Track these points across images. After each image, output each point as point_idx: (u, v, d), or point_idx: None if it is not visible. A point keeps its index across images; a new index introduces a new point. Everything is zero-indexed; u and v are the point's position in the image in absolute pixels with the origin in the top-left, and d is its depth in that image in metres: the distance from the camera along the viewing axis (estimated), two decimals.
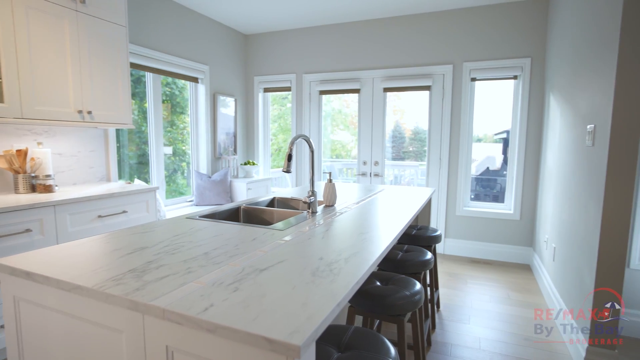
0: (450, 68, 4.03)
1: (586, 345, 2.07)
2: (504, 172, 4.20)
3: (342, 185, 3.16)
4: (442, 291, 3.24)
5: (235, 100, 4.85)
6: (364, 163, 4.52)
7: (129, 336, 0.89)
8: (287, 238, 1.42)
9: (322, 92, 4.66)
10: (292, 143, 1.78)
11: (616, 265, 1.96)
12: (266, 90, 5.05)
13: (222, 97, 4.58)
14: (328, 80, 4.57)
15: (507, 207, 4.08)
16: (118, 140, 3.44)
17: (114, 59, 2.80)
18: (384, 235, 1.48)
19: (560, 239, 2.78)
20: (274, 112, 5.50)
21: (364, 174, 4.53)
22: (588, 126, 2.20)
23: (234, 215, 2.15)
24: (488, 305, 2.97)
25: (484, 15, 3.88)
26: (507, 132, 4.10)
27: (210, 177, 4.29)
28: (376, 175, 4.47)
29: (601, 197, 1.95)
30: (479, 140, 4.58)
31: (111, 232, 1.47)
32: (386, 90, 4.34)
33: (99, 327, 0.94)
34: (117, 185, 2.91)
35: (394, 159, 4.82)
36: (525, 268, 3.85)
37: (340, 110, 5.07)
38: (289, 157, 1.74)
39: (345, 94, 4.72)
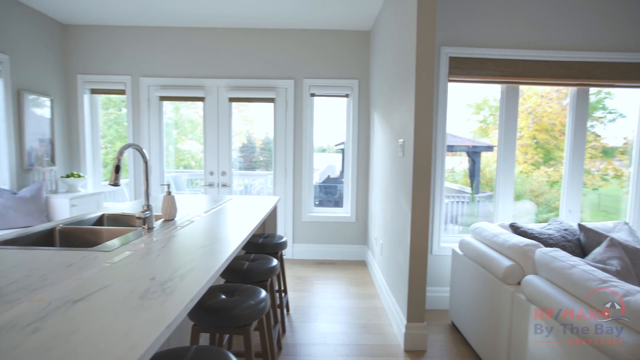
0: (292, 83, 4.29)
1: (405, 322, 2.47)
2: (343, 180, 4.69)
3: (186, 197, 2.99)
4: (292, 295, 3.38)
5: (52, 101, 4.06)
6: (211, 173, 4.38)
7: None
8: (116, 259, 1.25)
9: (163, 98, 4.32)
10: (120, 153, 1.59)
11: (422, 253, 2.41)
12: (94, 91, 4.38)
13: (32, 96, 3.76)
14: (169, 85, 4.28)
15: (346, 211, 4.57)
16: None
17: None
18: (226, 246, 1.46)
19: (385, 236, 3.25)
20: (110, 116, 4.83)
21: (211, 185, 4.39)
22: (399, 140, 2.67)
23: (47, 238, 1.78)
24: (332, 302, 3.25)
25: (320, 38, 4.28)
26: (344, 143, 4.61)
27: (15, 194, 3.46)
28: (224, 185, 4.39)
29: (410, 198, 2.38)
30: (323, 150, 5.02)
31: None
32: (232, 100, 4.32)
33: None
34: None
35: (245, 168, 4.83)
36: (362, 264, 4.36)
37: (192, 119, 4.82)
38: (117, 169, 1.55)
39: (193, 102, 4.50)
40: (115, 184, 1.56)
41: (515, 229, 2.40)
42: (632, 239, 2.32)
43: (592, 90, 3.27)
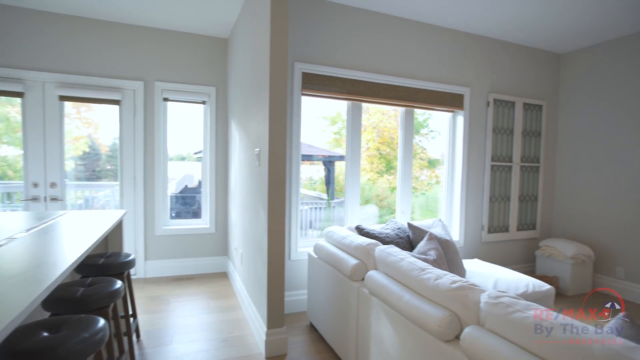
0: (141, 85, 3.92)
1: (266, 329, 2.50)
2: (201, 190, 4.49)
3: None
4: (143, 318, 3.05)
5: None
6: (35, 185, 3.63)
7: None
8: None
9: None
10: None
11: (280, 259, 2.48)
12: None
13: None
14: None
15: (205, 222, 4.38)
16: None
17: None
18: (48, 273, 1.23)
19: (245, 245, 3.24)
20: None
21: (36, 199, 3.63)
22: (256, 150, 2.71)
23: None
24: (190, 320, 3.05)
25: (176, 40, 4.03)
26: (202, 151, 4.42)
27: None
28: (54, 199, 3.69)
29: (266, 206, 2.43)
30: (183, 158, 4.69)
31: None
32: (63, 99, 3.68)
33: None
34: None
35: (87, 178, 4.15)
36: (223, 276, 4.24)
37: (7, 118, 3.87)
38: None
39: (7, 97, 3.65)
40: None
41: (360, 230, 2.70)
42: (444, 233, 2.87)
43: (420, 111, 3.95)
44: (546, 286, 2.64)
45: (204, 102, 4.26)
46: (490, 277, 2.74)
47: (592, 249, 4.14)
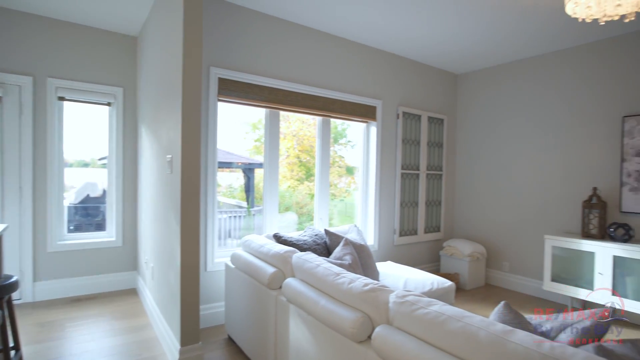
0: (29, 80, 3.44)
1: (179, 347, 2.35)
2: (107, 199, 4.07)
3: None
4: (30, 349, 2.65)
5: None
6: None
7: None
8: None
9: None
10: None
11: (194, 271, 2.36)
12: None
13: None
14: None
15: (110, 235, 3.98)
16: None
17: None
18: None
19: (156, 258, 3.02)
20: None
21: None
22: (167, 156, 2.55)
23: None
24: (90, 345, 2.74)
25: (73, 33, 3.63)
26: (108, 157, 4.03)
27: None
28: None
29: (179, 215, 2.31)
30: (86, 165, 4.20)
31: None
32: None
33: None
34: None
35: None
36: (132, 293, 3.89)
37: None
38: None
39: None
40: None
41: (278, 238, 2.70)
42: (359, 238, 3.01)
43: (339, 121, 4.09)
44: (448, 283, 2.91)
45: (109, 104, 3.90)
46: (401, 278, 2.94)
47: (485, 247, 4.70)
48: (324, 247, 2.87)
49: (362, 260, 2.75)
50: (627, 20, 2.24)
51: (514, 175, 4.45)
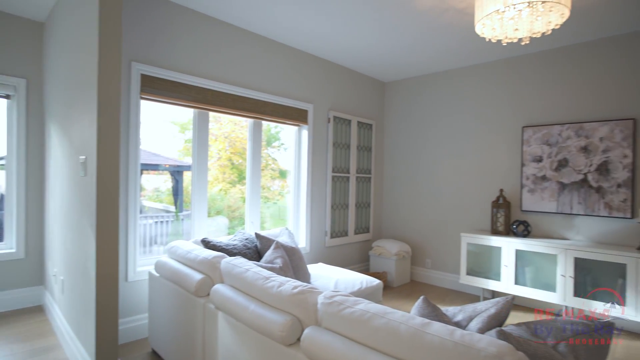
0: None
1: None
2: (5, 205, 3.58)
3: None
4: None
5: None
6: None
7: None
8: None
9: None
10: None
11: (112, 282, 2.18)
12: None
13: None
14: None
15: (9, 246, 3.51)
16: None
17: None
18: None
19: (67, 270, 2.73)
20: None
21: None
22: (80, 157, 2.33)
23: None
24: None
25: None
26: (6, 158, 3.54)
27: None
28: None
29: (94, 222, 2.11)
30: None
31: None
32: None
33: None
34: None
35: None
36: (38, 310, 3.46)
37: None
38: None
39: None
40: None
41: (206, 243, 2.60)
42: (290, 240, 3.02)
43: (273, 124, 4.06)
44: (376, 281, 3.04)
45: (8, 96, 3.44)
46: (332, 279, 3.01)
47: (410, 245, 5.01)
48: (255, 251, 2.83)
49: (293, 263, 2.76)
50: (523, 43, 2.56)
51: (434, 179, 4.81)
